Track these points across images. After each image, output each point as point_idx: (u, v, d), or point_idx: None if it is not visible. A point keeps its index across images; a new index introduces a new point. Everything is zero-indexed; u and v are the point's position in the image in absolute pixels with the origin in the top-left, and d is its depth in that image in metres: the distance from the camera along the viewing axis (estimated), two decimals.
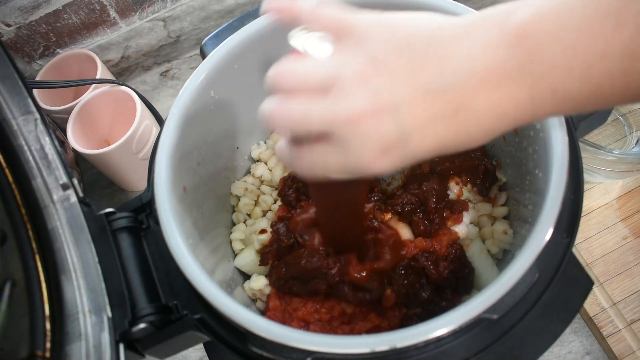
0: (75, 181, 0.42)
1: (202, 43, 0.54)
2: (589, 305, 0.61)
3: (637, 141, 0.69)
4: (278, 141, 0.32)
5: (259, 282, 0.51)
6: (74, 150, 0.68)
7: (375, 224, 0.51)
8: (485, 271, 0.50)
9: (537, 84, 0.26)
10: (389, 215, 0.52)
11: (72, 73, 0.78)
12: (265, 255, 0.52)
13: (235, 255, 0.56)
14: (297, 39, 0.32)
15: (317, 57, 0.30)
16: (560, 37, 0.25)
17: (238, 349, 0.39)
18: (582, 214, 0.41)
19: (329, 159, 0.29)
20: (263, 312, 0.51)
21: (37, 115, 0.42)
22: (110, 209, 0.43)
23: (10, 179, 0.40)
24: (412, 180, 0.54)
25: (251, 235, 0.55)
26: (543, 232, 0.36)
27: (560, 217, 0.36)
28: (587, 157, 0.61)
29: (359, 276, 0.48)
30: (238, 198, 0.58)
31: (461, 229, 0.52)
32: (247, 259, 0.54)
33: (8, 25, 0.74)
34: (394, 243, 0.50)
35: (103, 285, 0.38)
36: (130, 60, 0.87)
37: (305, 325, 0.48)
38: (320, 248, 0.49)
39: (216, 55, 0.47)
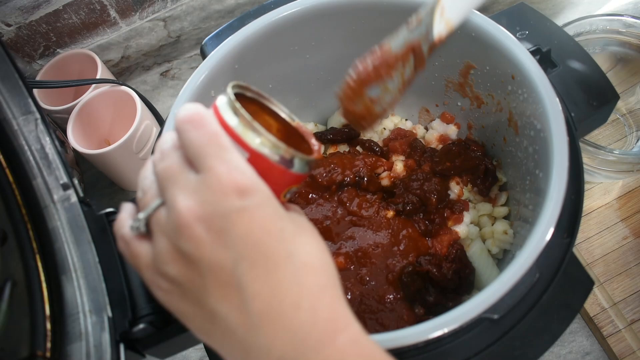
0: (76, 181, 0.42)
1: (203, 43, 0.54)
2: (589, 305, 0.61)
3: (638, 141, 0.69)
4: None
5: None
6: (74, 150, 0.68)
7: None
8: (485, 271, 0.51)
9: None
10: (391, 212, 0.52)
11: (72, 73, 0.78)
12: None
13: None
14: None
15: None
16: None
17: None
18: (582, 214, 0.41)
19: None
20: None
21: (38, 115, 0.42)
22: (110, 209, 0.43)
23: (11, 178, 0.40)
24: (413, 180, 0.54)
25: None
26: (543, 232, 0.36)
27: (561, 217, 0.36)
28: (588, 157, 0.61)
29: None
30: None
31: (462, 229, 0.52)
32: None
33: (8, 25, 0.74)
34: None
35: (103, 285, 0.38)
36: (130, 60, 0.87)
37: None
38: None
39: (216, 55, 0.48)
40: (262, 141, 0.28)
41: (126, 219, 0.30)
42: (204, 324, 0.27)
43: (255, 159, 0.28)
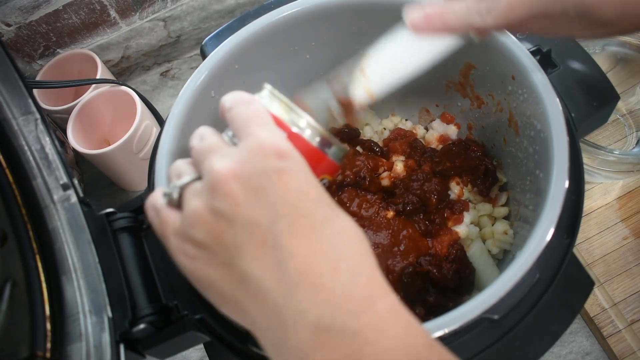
0: (76, 181, 0.42)
1: (203, 43, 0.54)
2: (590, 305, 0.61)
3: (638, 141, 0.69)
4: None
5: None
6: (74, 150, 0.68)
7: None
8: (485, 271, 0.51)
9: None
10: (391, 213, 0.52)
11: (72, 73, 0.78)
12: None
13: None
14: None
15: None
16: None
17: (238, 349, 0.39)
18: (583, 215, 0.41)
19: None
20: None
21: (38, 115, 0.42)
22: (110, 209, 0.43)
23: (11, 179, 0.40)
24: (413, 180, 0.54)
25: None
26: (544, 233, 0.36)
27: (561, 218, 0.36)
28: (588, 157, 0.61)
29: None
30: None
31: (462, 229, 0.52)
32: None
33: (8, 25, 0.74)
34: None
35: (103, 285, 0.38)
36: (130, 60, 0.87)
37: None
38: None
39: (216, 55, 0.47)
40: (304, 123, 0.29)
41: (160, 193, 0.30)
42: (232, 289, 0.26)
43: (294, 142, 0.28)
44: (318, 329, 0.23)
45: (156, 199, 0.30)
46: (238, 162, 0.26)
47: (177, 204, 0.29)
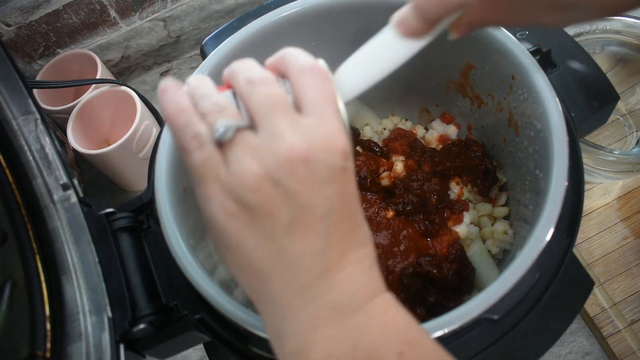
0: (76, 181, 0.42)
1: (203, 43, 0.54)
2: (589, 305, 0.61)
3: (638, 141, 0.69)
4: None
5: None
6: (74, 150, 0.68)
7: None
8: (485, 271, 0.51)
9: None
10: (391, 213, 0.52)
11: (72, 73, 0.78)
12: None
13: None
14: None
15: None
16: None
17: (238, 349, 0.39)
18: (583, 214, 0.41)
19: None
20: None
21: (38, 115, 0.42)
22: (110, 209, 0.43)
23: (11, 179, 0.40)
24: (413, 180, 0.54)
25: None
26: (543, 233, 0.36)
27: (561, 218, 0.36)
28: (588, 157, 0.61)
29: None
30: None
31: (462, 229, 0.52)
32: None
33: (8, 25, 0.74)
34: None
35: (103, 285, 0.38)
36: (130, 60, 0.87)
37: None
38: None
39: (216, 55, 0.47)
40: None
41: (193, 111, 0.27)
42: (265, 258, 0.26)
43: None
44: (335, 307, 0.27)
45: (198, 127, 0.27)
46: (312, 147, 0.26)
47: (220, 144, 0.26)
